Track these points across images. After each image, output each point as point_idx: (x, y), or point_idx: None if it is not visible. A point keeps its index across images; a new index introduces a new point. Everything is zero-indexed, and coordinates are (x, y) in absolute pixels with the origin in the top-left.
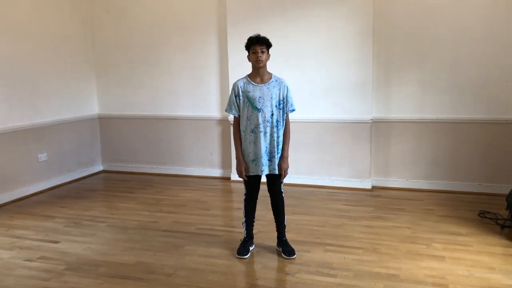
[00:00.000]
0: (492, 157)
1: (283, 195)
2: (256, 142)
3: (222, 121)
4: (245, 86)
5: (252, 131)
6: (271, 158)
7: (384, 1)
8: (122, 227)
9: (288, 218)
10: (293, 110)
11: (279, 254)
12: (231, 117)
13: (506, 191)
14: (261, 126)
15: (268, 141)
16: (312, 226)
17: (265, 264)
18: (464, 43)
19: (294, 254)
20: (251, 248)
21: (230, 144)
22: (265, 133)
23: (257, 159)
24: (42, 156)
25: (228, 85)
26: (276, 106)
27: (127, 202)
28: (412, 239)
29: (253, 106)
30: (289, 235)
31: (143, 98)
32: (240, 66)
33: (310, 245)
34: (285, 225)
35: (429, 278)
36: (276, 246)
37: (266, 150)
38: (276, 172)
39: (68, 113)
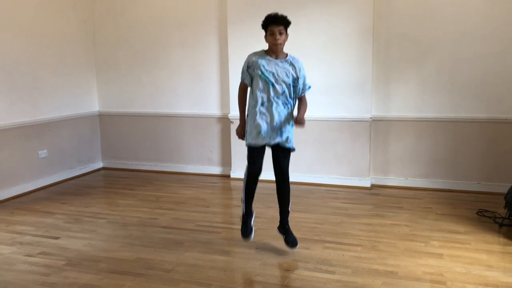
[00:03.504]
0: (491, 156)
1: (289, 181)
2: (265, 115)
3: (222, 119)
4: (260, 59)
5: (262, 104)
6: (280, 133)
7: (384, 0)
8: (122, 224)
9: None
10: (309, 87)
11: (279, 245)
12: (230, 115)
13: (505, 190)
14: (272, 99)
15: (277, 116)
16: (311, 224)
17: (264, 260)
18: (463, 42)
19: (297, 244)
20: (252, 223)
21: (230, 141)
22: (276, 107)
23: (264, 131)
24: (43, 153)
25: (229, 83)
26: (289, 84)
27: (127, 199)
28: (411, 237)
29: (266, 79)
30: None
31: (143, 96)
32: (240, 63)
33: (309, 242)
34: (289, 211)
35: (427, 275)
36: (277, 230)
37: (275, 125)
38: (284, 145)
39: (68, 110)
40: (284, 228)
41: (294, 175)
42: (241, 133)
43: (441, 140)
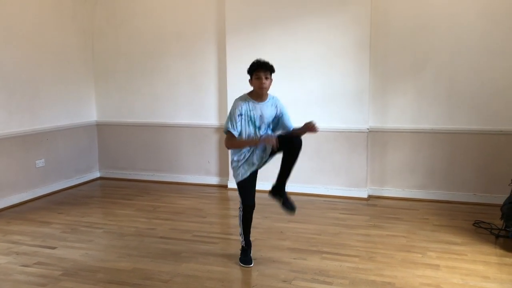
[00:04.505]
0: (487, 168)
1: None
2: (250, 158)
3: (220, 129)
4: (248, 105)
5: (248, 149)
6: (266, 155)
7: (381, 11)
8: (119, 234)
9: (285, 226)
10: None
11: (277, 256)
12: None
13: (501, 201)
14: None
15: (261, 151)
16: (309, 234)
17: (262, 271)
18: (460, 54)
19: (295, 209)
20: (251, 254)
21: (227, 152)
22: (260, 147)
23: (252, 164)
24: (40, 162)
25: (227, 93)
26: (271, 121)
27: (124, 209)
28: (408, 248)
29: (254, 124)
30: (286, 243)
31: (141, 106)
32: (238, 74)
33: (307, 253)
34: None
35: (424, 286)
36: (270, 195)
37: (260, 159)
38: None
39: (66, 120)
40: (282, 191)
41: (292, 186)
42: (272, 138)
43: (437, 151)
